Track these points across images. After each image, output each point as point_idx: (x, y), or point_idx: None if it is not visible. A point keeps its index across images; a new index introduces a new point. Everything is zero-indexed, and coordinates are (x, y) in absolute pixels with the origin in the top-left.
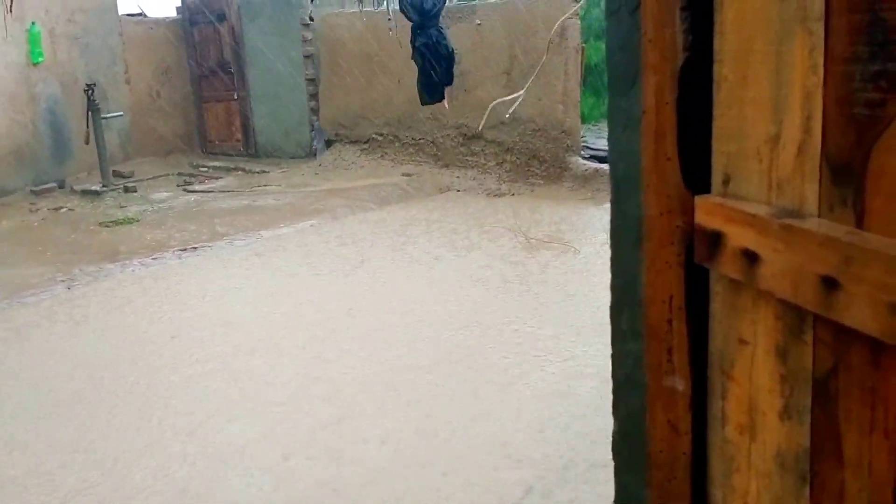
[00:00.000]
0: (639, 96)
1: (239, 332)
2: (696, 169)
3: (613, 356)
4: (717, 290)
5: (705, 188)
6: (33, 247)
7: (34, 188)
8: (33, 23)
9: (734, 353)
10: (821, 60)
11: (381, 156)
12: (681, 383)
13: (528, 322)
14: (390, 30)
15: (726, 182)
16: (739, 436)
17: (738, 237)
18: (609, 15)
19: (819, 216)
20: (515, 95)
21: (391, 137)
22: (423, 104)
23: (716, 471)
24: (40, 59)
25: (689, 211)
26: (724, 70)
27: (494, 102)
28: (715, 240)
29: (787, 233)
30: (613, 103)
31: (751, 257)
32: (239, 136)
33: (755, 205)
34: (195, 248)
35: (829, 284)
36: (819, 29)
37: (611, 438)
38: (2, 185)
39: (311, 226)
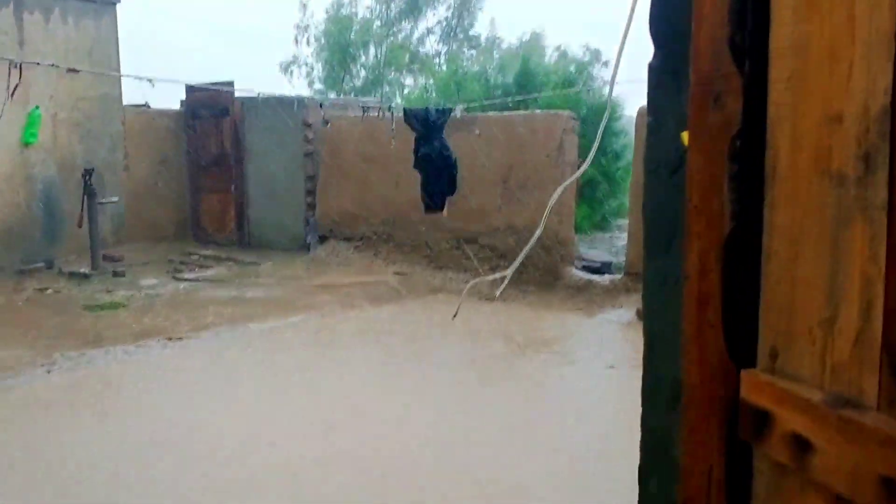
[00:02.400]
0: (676, 257)
1: (213, 436)
2: (740, 338)
3: None
4: (762, 469)
5: (750, 359)
6: (15, 328)
7: (22, 267)
8: (36, 107)
9: None
10: (882, 251)
11: (375, 254)
12: None
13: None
14: (391, 139)
15: (774, 356)
16: None
17: (789, 421)
18: (647, 174)
19: (878, 409)
20: (502, 274)
21: (385, 237)
22: (425, 212)
23: None
24: (32, 140)
25: (732, 382)
26: (775, 244)
27: (470, 284)
28: (762, 419)
29: (844, 424)
30: (650, 262)
31: (802, 444)
32: (233, 226)
33: (807, 388)
34: (181, 338)
35: (891, 487)
36: (881, 218)
37: None
38: None
39: (300, 321)
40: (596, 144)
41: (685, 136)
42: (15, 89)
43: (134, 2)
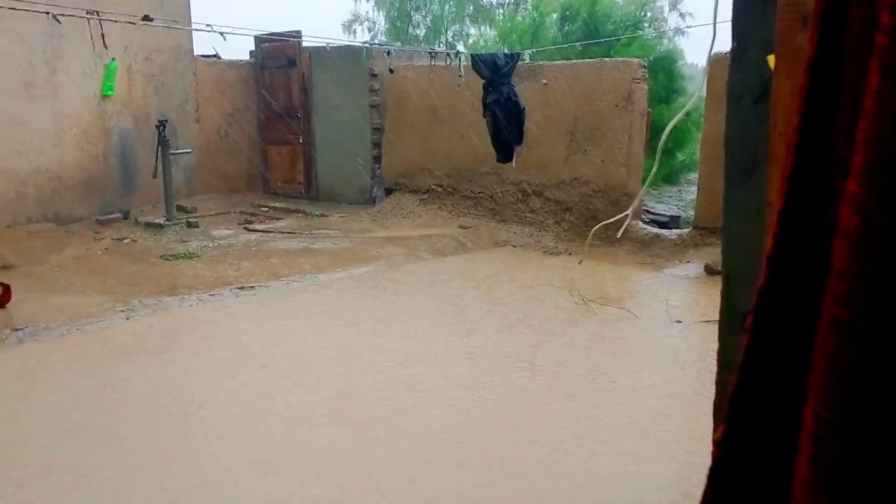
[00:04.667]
0: (758, 188)
1: (292, 363)
2: None
3: None
4: None
5: None
6: (95, 276)
7: (100, 217)
8: (112, 59)
9: None
10: None
11: (439, 207)
12: None
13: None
14: (459, 85)
15: None
16: None
17: None
18: (730, 102)
19: None
20: (622, 216)
21: (450, 189)
22: (498, 162)
23: None
24: (110, 92)
25: None
26: None
27: (599, 225)
28: None
29: None
30: (730, 194)
31: None
32: (301, 179)
33: None
34: (252, 287)
35: None
36: None
37: None
38: (69, 213)
39: (367, 272)
40: (699, 91)
41: (771, 59)
42: (103, 37)
43: None
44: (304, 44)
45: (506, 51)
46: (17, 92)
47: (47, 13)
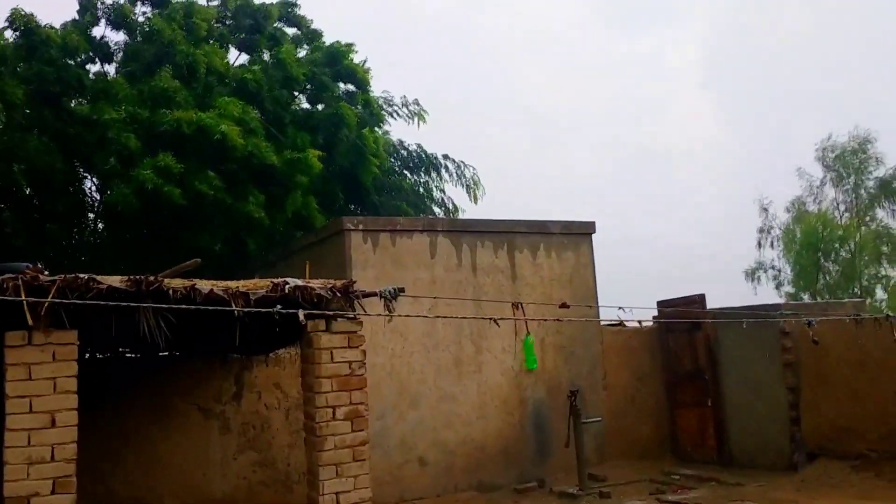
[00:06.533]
0: None
1: None
2: None
3: None
4: None
5: None
6: None
7: (517, 486)
8: (528, 334)
9: None
10: None
11: (876, 475)
12: None
13: None
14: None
15: None
16: None
17: None
18: None
19: None
20: None
21: (889, 455)
22: None
23: None
24: (535, 365)
25: None
26: None
27: None
28: None
29: None
30: None
31: None
32: (712, 443)
33: None
34: None
35: None
36: None
37: None
38: (491, 481)
39: None
40: None
41: None
42: (526, 325)
43: (605, 229)
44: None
45: None
46: (448, 369)
47: (493, 319)
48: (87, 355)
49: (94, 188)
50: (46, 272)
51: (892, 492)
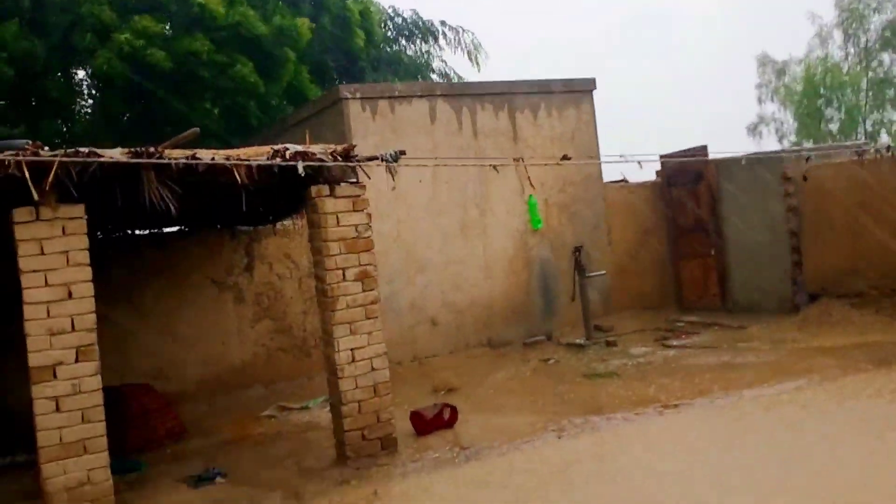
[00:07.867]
0: None
1: None
2: None
3: None
4: None
5: None
6: (524, 397)
7: (526, 340)
8: (531, 195)
9: None
10: None
11: (876, 311)
12: None
13: None
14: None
15: None
16: None
17: None
18: None
19: None
20: None
21: (888, 291)
22: None
23: None
24: (539, 225)
25: None
26: None
27: None
28: None
29: None
30: None
31: None
32: (715, 291)
33: None
34: (676, 405)
35: None
36: None
37: None
38: (501, 337)
39: (797, 386)
40: None
41: None
42: (529, 181)
43: (606, 84)
44: (711, 156)
45: None
46: (454, 234)
47: (493, 166)
48: (100, 235)
49: (81, 73)
50: (46, 147)
51: (891, 325)
